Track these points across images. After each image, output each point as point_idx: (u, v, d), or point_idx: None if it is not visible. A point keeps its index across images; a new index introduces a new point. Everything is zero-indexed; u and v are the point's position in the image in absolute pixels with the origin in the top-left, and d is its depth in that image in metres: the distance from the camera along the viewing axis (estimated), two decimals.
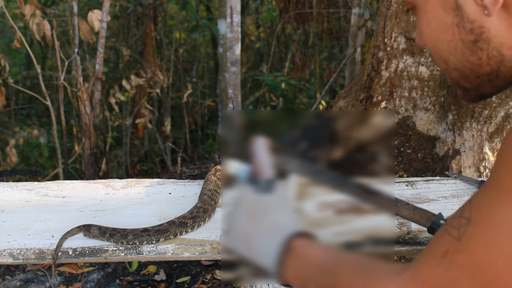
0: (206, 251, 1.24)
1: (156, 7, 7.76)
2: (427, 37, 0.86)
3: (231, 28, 4.27)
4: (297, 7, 5.82)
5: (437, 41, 0.85)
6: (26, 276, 2.75)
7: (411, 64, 2.89)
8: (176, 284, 2.73)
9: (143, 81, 4.78)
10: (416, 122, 2.87)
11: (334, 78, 4.87)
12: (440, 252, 0.72)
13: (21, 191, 1.56)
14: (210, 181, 1.50)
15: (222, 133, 5.75)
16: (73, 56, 4.73)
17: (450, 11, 0.81)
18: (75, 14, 4.63)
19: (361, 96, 3.10)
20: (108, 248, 1.24)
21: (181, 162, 2.99)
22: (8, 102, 7.21)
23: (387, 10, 3.00)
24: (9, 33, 7.96)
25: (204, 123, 8.26)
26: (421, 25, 0.86)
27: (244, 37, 8.30)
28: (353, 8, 4.33)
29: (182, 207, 1.44)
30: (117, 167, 6.70)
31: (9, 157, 5.34)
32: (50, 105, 4.19)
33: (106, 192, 1.56)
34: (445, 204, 1.46)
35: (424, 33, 0.86)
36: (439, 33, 0.83)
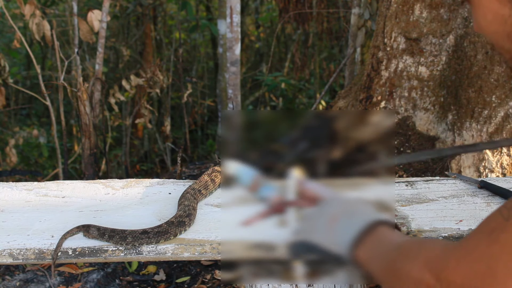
0: (206, 251, 1.24)
1: (156, 7, 7.76)
2: (485, 29, 0.86)
3: (231, 28, 4.27)
4: (297, 7, 5.82)
5: (495, 32, 0.85)
6: (26, 276, 2.74)
7: (411, 64, 2.89)
8: (176, 284, 2.73)
9: (143, 81, 4.78)
10: (416, 122, 2.87)
11: (334, 78, 4.87)
12: (488, 228, 0.78)
13: (21, 191, 1.56)
14: (200, 180, 1.52)
15: (222, 133, 5.75)
16: (73, 56, 4.73)
17: (507, 3, 0.80)
18: (75, 14, 4.63)
19: (361, 96, 3.10)
20: (107, 248, 1.24)
21: (181, 162, 2.99)
22: (8, 102, 7.21)
23: (387, 10, 3.00)
24: (9, 33, 7.95)
25: (204, 123, 8.26)
26: (477, 17, 0.86)
27: (244, 37, 8.30)
28: (353, 8, 4.33)
29: None
30: (117, 167, 6.69)
31: (9, 157, 5.33)
32: (50, 105, 4.19)
33: (106, 192, 1.56)
34: (444, 204, 1.46)
35: (482, 25, 0.86)
36: (497, 26, 0.83)
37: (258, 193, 1.23)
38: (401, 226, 1.34)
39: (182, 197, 1.44)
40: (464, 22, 2.83)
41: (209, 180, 1.53)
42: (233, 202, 1.27)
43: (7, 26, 7.58)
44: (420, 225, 1.34)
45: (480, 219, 1.36)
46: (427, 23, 2.87)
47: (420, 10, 2.88)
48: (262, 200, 1.23)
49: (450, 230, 1.31)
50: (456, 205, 1.45)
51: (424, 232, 1.30)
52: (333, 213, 1.01)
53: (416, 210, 1.43)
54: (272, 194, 1.18)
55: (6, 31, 8.08)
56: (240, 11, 4.38)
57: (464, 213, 1.41)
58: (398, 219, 1.37)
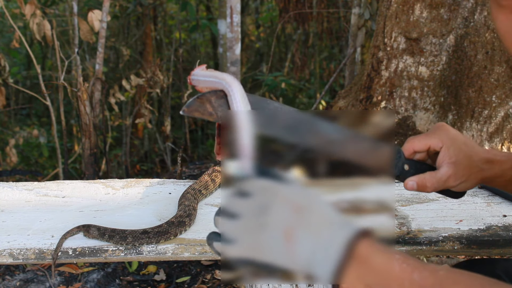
0: (206, 251, 1.24)
1: (156, 7, 7.76)
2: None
3: (231, 28, 4.27)
4: (297, 7, 5.82)
5: None
6: (26, 276, 2.75)
7: (411, 64, 2.89)
8: (176, 284, 2.73)
9: (143, 81, 4.78)
10: (416, 122, 2.87)
11: (334, 78, 4.87)
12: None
13: (21, 191, 1.56)
14: (200, 180, 1.52)
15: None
16: (73, 56, 4.73)
17: None
18: (75, 14, 4.63)
19: (361, 96, 3.10)
20: (108, 248, 1.24)
21: (181, 162, 2.99)
22: (8, 102, 7.21)
23: (387, 10, 3.00)
24: (9, 33, 7.96)
25: (204, 123, 8.26)
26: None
27: (244, 37, 8.30)
28: (353, 8, 4.33)
29: None
30: (117, 167, 6.69)
31: (9, 157, 5.34)
32: (50, 105, 4.19)
33: (106, 192, 1.56)
34: (445, 204, 1.46)
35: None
36: None
37: None
38: (400, 226, 1.34)
39: (182, 197, 1.44)
40: (464, 22, 2.83)
41: (209, 180, 1.53)
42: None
43: (7, 26, 7.58)
44: (420, 225, 1.34)
45: (480, 219, 1.36)
46: (427, 23, 2.87)
47: (420, 10, 2.88)
48: None
49: (450, 230, 1.31)
50: (456, 205, 1.46)
51: (424, 232, 1.30)
52: (284, 226, 0.78)
53: (416, 210, 1.43)
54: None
55: (6, 31, 8.08)
56: (240, 11, 4.38)
57: (464, 213, 1.41)
58: (398, 219, 1.37)
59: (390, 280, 0.75)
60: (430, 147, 1.10)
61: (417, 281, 0.73)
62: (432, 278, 0.73)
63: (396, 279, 0.75)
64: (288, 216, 0.78)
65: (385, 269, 0.75)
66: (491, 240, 1.27)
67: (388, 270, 0.75)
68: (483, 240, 1.27)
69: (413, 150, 1.10)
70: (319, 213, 0.79)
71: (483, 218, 1.36)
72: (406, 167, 1.09)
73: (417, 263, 0.76)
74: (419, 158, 1.12)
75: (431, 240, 1.27)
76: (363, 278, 0.76)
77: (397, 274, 0.75)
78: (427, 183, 1.06)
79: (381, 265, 0.76)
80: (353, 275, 0.76)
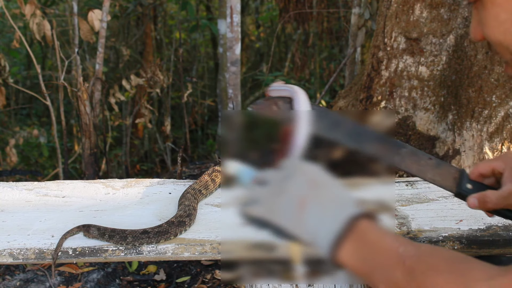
0: (206, 251, 1.24)
1: (156, 7, 7.76)
2: (494, 30, 0.85)
3: (231, 28, 4.27)
4: (297, 7, 5.82)
5: (505, 33, 0.84)
6: (26, 276, 2.74)
7: (411, 64, 2.89)
8: (176, 284, 2.73)
9: (143, 81, 4.78)
10: (416, 122, 2.87)
11: (334, 78, 4.86)
12: None
13: (21, 191, 1.56)
14: (200, 180, 1.52)
15: (222, 133, 5.75)
16: (73, 56, 4.72)
17: None
18: (75, 14, 4.63)
19: (361, 96, 3.10)
20: (108, 248, 1.24)
21: (181, 162, 2.99)
22: (8, 102, 7.20)
23: (387, 10, 3.00)
24: (9, 33, 7.95)
25: (204, 123, 8.25)
26: (487, 18, 0.85)
27: (244, 37, 8.30)
28: (353, 8, 4.33)
29: None
30: (117, 167, 6.69)
31: (9, 157, 5.33)
32: (50, 105, 4.19)
33: (106, 192, 1.56)
34: (445, 204, 1.46)
35: (490, 26, 0.85)
36: (510, 25, 0.83)
37: None
38: (400, 226, 1.34)
39: (182, 197, 1.44)
40: (464, 22, 2.83)
41: (209, 180, 1.53)
42: (233, 202, 1.27)
43: (7, 26, 7.57)
44: (420, 225, 1.34)
45: (481, 219, 1.36)
46: (427, 23, 2.87)
47: (420, 10, 2.88)
48: None
49: (450, 230, 1.31)
50: (456, 205, 1.45)
51: (424, 232, 1.30)
52: (300, 195, 0.88)
53: (416, 210, 1.43)
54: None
55: (6, 31, 8.08)
56: (240, 11, 4.37)
57: (464, 213, 1.41)
58: (398, 219, 1.37)
59: (380, 253, 0.84)
60: (494, 169, 1.12)
61: (401, 253, 0.82)
62: (414, 250, 0.82)
63: (385, 251, 0.83)
64: (305, 188, 0.88)
65: (377, 243, 0.84)
66: (491, 240, 1.27)
67: (380, 244, 0.84)
68: (483, 240, 1.27)
69: (479, 172, 1.13)
70: (332, 191, 0.89)
71: (483, 218, 1.36)
72: (469, 186, 1.12)
73: (405, 241, 0.85)
74: (489, 184, 1.14)
75: (431, 240, 1.28)
76: (358, 251, 0.84)
77: (386, 247, 0.84)
78: (487, 198, 1.08)
79: (375, 239, 0.85)
80: (349, 247, 0.84)
